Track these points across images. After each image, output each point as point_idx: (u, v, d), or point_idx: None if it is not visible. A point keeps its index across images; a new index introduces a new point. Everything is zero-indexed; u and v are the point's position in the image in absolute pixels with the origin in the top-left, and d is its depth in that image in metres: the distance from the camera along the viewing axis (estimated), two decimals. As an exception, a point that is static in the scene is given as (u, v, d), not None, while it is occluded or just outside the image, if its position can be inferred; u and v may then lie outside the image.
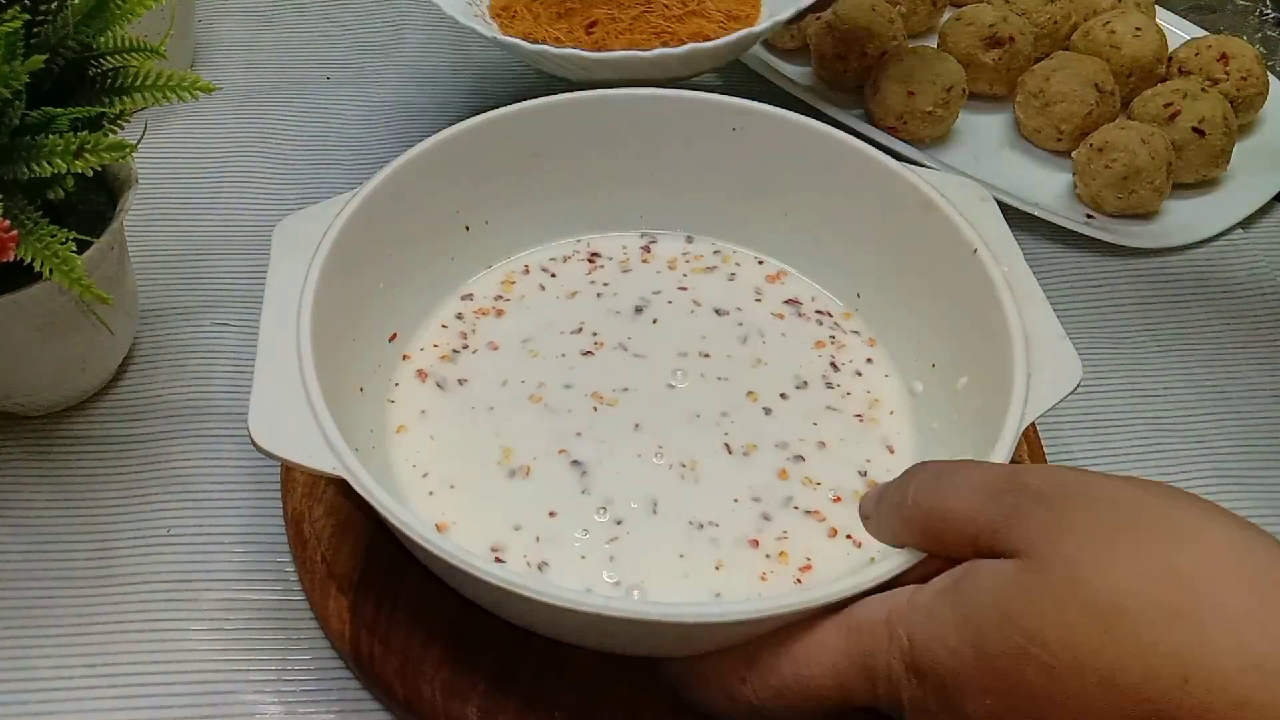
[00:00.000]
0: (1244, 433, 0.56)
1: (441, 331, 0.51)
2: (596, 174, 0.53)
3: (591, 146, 0.52)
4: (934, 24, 0.76)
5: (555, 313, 0.52)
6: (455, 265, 0.52)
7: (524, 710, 0.41)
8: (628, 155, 0.53)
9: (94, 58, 0.45)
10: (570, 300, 0.52)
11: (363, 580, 0.44)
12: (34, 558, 0.47)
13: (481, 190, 0.51)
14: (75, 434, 0.51)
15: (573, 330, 0.51)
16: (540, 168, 0.52)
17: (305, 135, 0.67)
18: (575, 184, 0.53)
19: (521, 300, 0.52)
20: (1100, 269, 0.63)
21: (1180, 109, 0.66)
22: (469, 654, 0.42)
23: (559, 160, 0.52)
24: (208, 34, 0.74)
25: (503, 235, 0.53)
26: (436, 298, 0.52)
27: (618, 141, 0.52)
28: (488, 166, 0.51)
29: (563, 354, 0.50)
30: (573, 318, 0.52)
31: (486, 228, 0.52)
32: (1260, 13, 0.86)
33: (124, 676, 0.43)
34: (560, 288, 0.53)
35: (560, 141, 0.52)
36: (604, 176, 0.53)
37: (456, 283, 0.52)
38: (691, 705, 0.40)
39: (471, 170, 0.50)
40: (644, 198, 0.54)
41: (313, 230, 0.44)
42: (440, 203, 0.50)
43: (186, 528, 0.48)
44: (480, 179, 0.51)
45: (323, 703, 0.43)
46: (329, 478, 0.37)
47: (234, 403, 0.53)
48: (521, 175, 0.52)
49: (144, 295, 0.56)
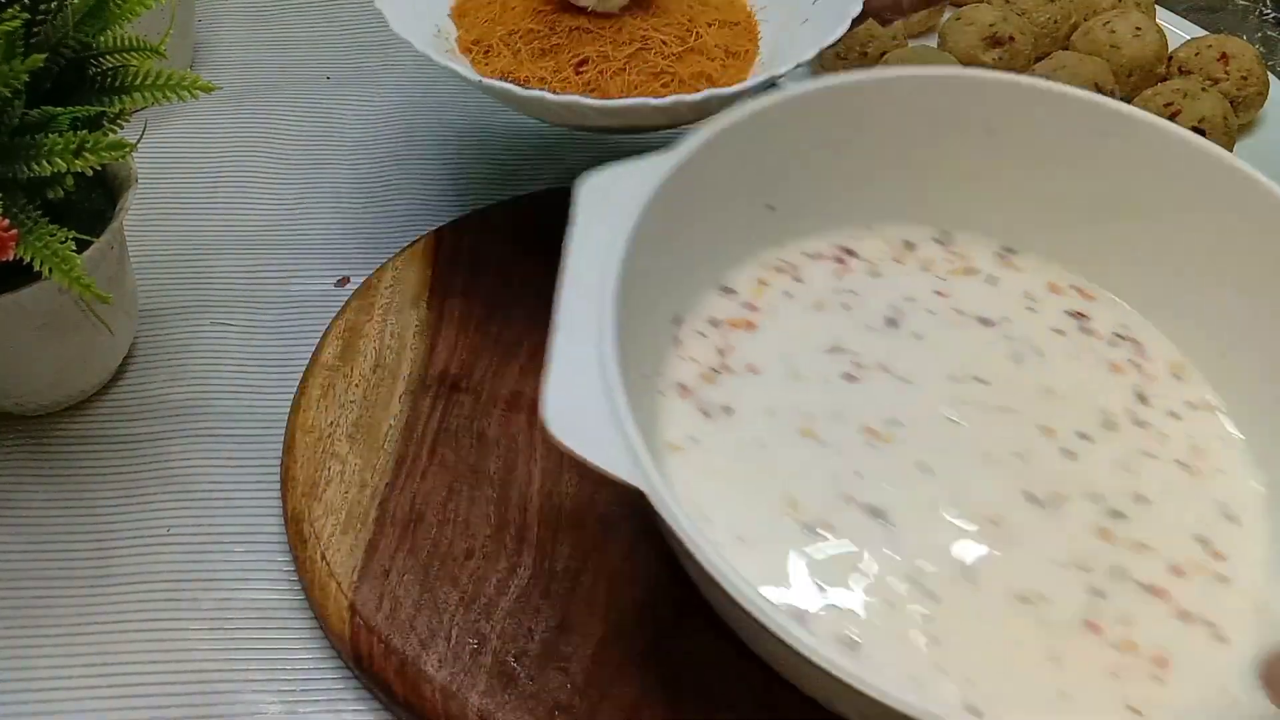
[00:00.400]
0: (1244, 433, 0.56)
1: (699, 341, 0.45)
2: (914, 162, 0.47)
3: (914, 131, 0.46)
4: (934, 24, 0.76)
5: (804, 326, 0.46)
6: (726, 250, 0.47)
7: (524, 710, 0.41)
8: (958, 145, 0.47)
9: (94, 57, 0.45)
10: (819, 313, 0.46)
11: (363, 580, 0.44)
12: (33, 557, 0.47)
13: (782, 168, 0.46)
14: (75, 434, 0.51)
15: (827, 349, 0.45)
16: (851, 149, 0.47)
17: (305, 135, 0.67)
18: (881, 171, 0.47)
19: (773, 312, 0.46)
20: (1100, 269, 0.63)
21: (1180, 109, 0.66)
22: (469, 654, 0.42)
23: (870, 143, 0.47)
24: (208, 34, 0.74)
25: (785, 219, 0.47)
26: (698, 285, 0.46)
27: (944, 129, 0.46)
28: (796, 142, 0.45)
29: (823, 378, 0.44)
30: (824, 334, 0.46)
31: (772, 212, 0.47)
32: (1260, 13, 0.86)
33: (123, 676, 0.43)
34: (806, 295, 0.47)
35: (876, 123, 0.46)
36: (919, 165, 0.47)
37: (717, 270, 0.47)
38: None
39: (780, 145, 0.45)
40: (951, 195, 0.48)
41: (623, 191, 0.39)
42: (741, 178, 0.45)
43: (186, 527, 0.48)
44: (787, 154, 0.45)
45: (323, 703, 0.43)
46: (623, 485, 0.33)
47: (234, 402, 0.53)
48: (832, 153, 0.46)
49: (144, 295, 0.56)
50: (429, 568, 0.45)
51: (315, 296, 0.58)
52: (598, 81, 0.52)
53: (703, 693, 0.42)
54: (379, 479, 0.47)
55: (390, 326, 0.53)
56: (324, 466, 0.48)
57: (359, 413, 0.50)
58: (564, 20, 0.54)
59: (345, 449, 0.48)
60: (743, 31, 0.57)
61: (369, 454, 0.48)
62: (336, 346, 0.52)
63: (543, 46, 0.54)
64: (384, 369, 0.52)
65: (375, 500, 0.47)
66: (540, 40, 0.54)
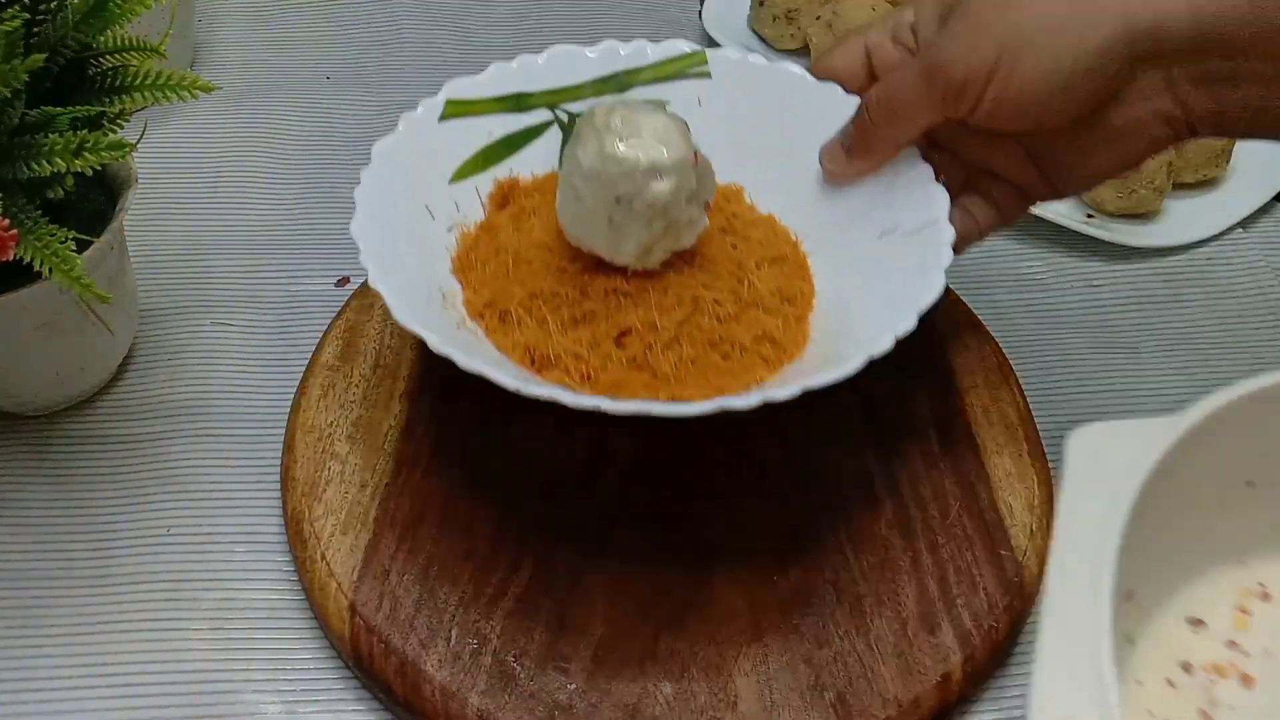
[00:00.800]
0: (1244, 433, 0.56)
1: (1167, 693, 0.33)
2: None
3: None
4: (934, 24, 0.76)
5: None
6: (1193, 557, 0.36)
7: (524, 710, 0.41)
8: None
9: (93, 57, 0.45)
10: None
11: (363, 580, 0.44)
12: (34, 557, 0.47)
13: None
14: (75, 434, 0.51)
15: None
16: None
17: (305, 135, 0.67)
18: None
19: (1265, 655, 0.34)
20: (1100, 269, 0.63)
21: (1180, 109, 0.66)
22: (469, 654, 0.42)
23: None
24: (208, 34, 0.74)
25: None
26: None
27: None
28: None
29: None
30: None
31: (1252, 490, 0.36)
32: (1260, 13, 0.85)
33: (124, 676, 0.43)
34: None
35: None
36: None
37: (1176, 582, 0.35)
38: None
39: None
40: None
41: (1120, 454, 0.32)
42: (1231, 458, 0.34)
43: (186, 527, 0.48)
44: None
45: (323, 702, 0.43)
46: None
47: (234, 403, 0.53)
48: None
49: (144, 295, 0.56)
50: (429, 568, 0.45)
51: (315, 296, 0.58)
52: (646, 358, 0.44)
53: (702, 692, 0.42)
54: (379, 479, 0.47)
55: (390, 326, 0.53)
56: (324, 467, 0.48)
57: (359, 413, 0.50)
58: (597, 281, 0.46)
59: (345, 449, 0.48)
60: (793, 267, 0.49)
61: (369, 454, 0.48)
62: (336, 346, 0.52)
63: (574, 314, 0.45)
64: (384, 369, 0.52)
65: (375, 500, 0.47)
66: (570, 306, 0.45)
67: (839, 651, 0.43)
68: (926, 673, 0.43)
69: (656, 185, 0.43)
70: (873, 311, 0.44)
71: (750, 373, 0.45)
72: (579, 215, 0.44)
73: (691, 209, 0.44)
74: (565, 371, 0.44)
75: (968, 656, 0.44)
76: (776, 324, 0.46)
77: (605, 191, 0.43)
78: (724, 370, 0.44)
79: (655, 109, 0.44)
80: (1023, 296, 0.62)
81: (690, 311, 0.45)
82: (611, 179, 0.43)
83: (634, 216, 0.43)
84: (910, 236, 0.46)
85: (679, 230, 0.45)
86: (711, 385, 0.44)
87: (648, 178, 0.43)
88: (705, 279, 0.46)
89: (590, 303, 0.45)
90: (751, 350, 0.45)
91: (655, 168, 0.43)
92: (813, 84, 0.50)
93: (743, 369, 0.45)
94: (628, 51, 0.53)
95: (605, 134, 0.43)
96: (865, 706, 0.42)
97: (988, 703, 0.45)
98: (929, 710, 0.43)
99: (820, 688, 0.42)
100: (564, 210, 0.45)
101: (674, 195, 0.43)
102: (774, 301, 0.47)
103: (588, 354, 0.44)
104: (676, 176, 0.43)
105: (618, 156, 0.43)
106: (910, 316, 0.41)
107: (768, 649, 0.43)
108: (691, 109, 0.50)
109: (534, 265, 0.47)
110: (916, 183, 0.47)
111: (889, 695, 0.42)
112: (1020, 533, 0.48)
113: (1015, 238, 0.65)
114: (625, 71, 0.53)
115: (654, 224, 0.44)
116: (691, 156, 0.43)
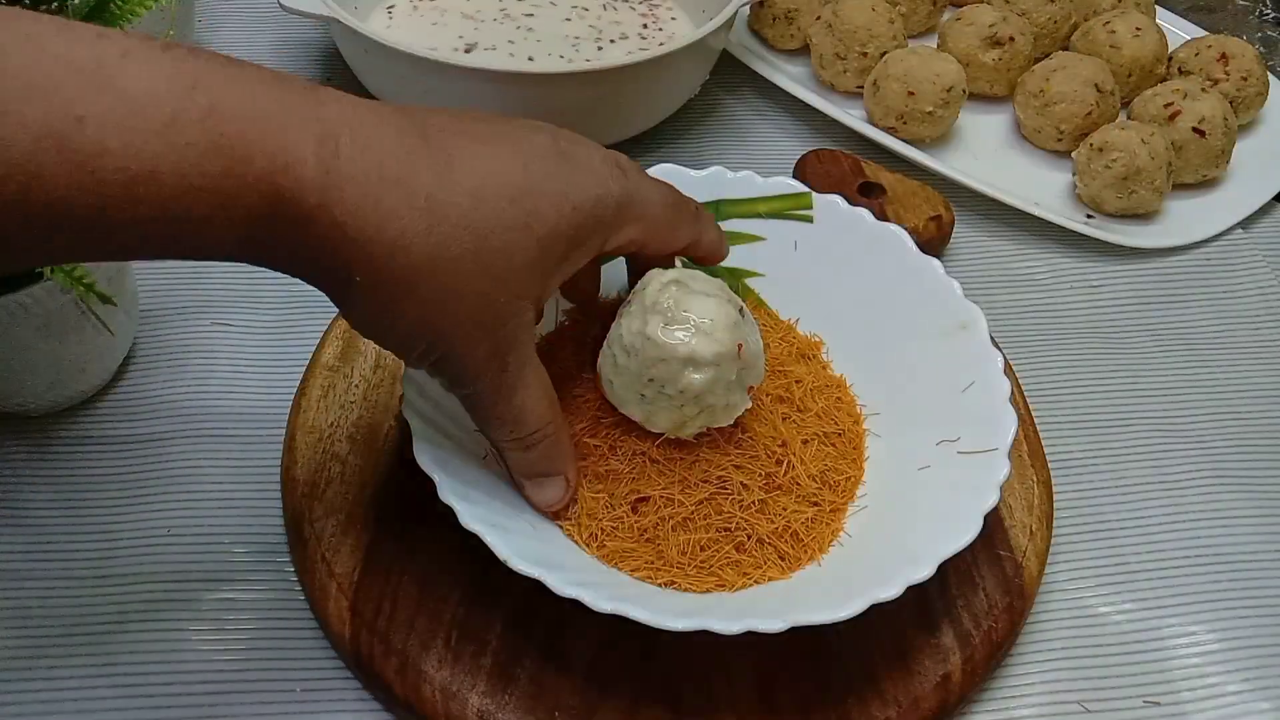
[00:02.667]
0: (1244, 433, 0.56)
1: None
2: None
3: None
4: (934, 24, 0.76)
5: None
6: None
7: (524, 710, 0.41)
8: None
9: (94, 58, 0.45)
10: None
11: (363, 580, 0.44)
12: (34, 557, 0.47)
13: None
14: (75, 434, 0.51)
15: None
16: None
17: (305, 135, 0.67)
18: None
19: None
20: (1100, 269, 0.63)
21: (1180, 109, 0.66)
22: (469, 654, 0.42)
23: None
24: (208, 34, 0.74)
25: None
26: None
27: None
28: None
29: None
30: None
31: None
32: (1260, 13, 0.86)
33: (124, 676, 0.43)
34: None
35: None
36: None
37: None
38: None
39: None
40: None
41: None
42: None
43: (186, 527, 0.48)
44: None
45: (323, 702, 0.43)
46: None
47: (234, 403, 0.53)
48: None
49: (144, 295, 0.56)
50: (429, 568, 0.45)
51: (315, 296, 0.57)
52: (655, 532, 0.43)
53: (702, 692, 0.42)
54: (379, 479, 0.47)
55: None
56: (324, 467, 0.48)
57: (359, 413, 0.50)
58: (628, 441, 0.45)
59: (345, 450, 0.48)
60: (846, 447, 0.47)
61: (369, 455, 0.48)
62: (337, 347, 0.52)
63: (599, 470, 0.44)
64: (384, 369, 0.52)
65: (375, 501, 0.47)
66: (597, 460, 0.45)
67: (839, 651, 0.43)
68: (926, 673, 0.43)
69: (691, 376, 0.42)
70: (903, 535, 0.43)
71: (760, 570, 0.43)
72: (615, 379, 0.44)
73: (731, 394, 0.43)
74: (576, 525, 0.44)
75: (968, 656, 0.44)
76: (804, 520, 0.44)
77: (640, 369, 0.42)
78: (732, 563, 0.43)
79: (712, 290, 0.43)
80: (1023, 296, 0.62)
81: (712, 492, 0.44)
82: (648, 360, 0.42)
83: (665, 398, 0.43)
84: (965, 457, 0.44)
85: (714, 413, 0.44)
86: (713, 577, 0.43)
87: (683, 367, 0.42)
88: (739, 457, 0.45)
89: (616, 460, 0.45)
90: (769, 544, 0.44)
91: (693, 359, 0.42)
92: (914, 251, 0.50)
93: (753, 564, 0.43)
94: (734, 179, 0.52)
95: (651, 313, 0.42)
96: (865, 706, 0.42)
97: (988, 703, 0.45)
98: (929, 710, 0.43)
99: (820, 687, 0.43)
100: (604, 367, 0.44)
101: (709, 386, 0.42)
102: (812, 487, 0.45)
103: (602, 514, 0.44)
104: (714, 370, 0.42)
105: (657, 341, 0.42)
106: (928, 566, 0.40)
107: (768, 649, 0.43)
108: (787, 252, 0.50)
109: (575, 402, 0.46)
110: (991, 396, 0.45)
111: (889, 695, 0.42)
112: (1020, 533, 0.48)
113: (1015, 238, 0.65)
114: (726, 201, 0.52)
115: (686, 408, 0.43)
116: (736, 349, 0.42)
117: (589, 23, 0.71)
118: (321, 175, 0.33)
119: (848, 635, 0.43)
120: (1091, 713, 0.45)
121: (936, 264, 0.49)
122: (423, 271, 0.35)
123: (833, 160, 0.64)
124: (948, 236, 0.62)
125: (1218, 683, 0.47)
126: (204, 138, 0.31)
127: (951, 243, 0.63)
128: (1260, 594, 0.49)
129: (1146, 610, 0.49)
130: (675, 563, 0.43)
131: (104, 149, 0.29)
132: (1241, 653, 0.47)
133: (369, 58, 0.64)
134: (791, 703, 0.42)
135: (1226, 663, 0.47)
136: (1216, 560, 0.50)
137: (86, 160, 0.29)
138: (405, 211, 0.34)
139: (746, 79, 0.73)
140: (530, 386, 0.40)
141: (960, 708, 0.44)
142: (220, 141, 0.31)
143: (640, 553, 0.43)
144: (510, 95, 0.61)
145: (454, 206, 0.35)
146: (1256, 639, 0.48)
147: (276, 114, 0.32)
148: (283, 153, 0.32)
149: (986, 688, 0.45)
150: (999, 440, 0.44)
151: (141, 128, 0.30)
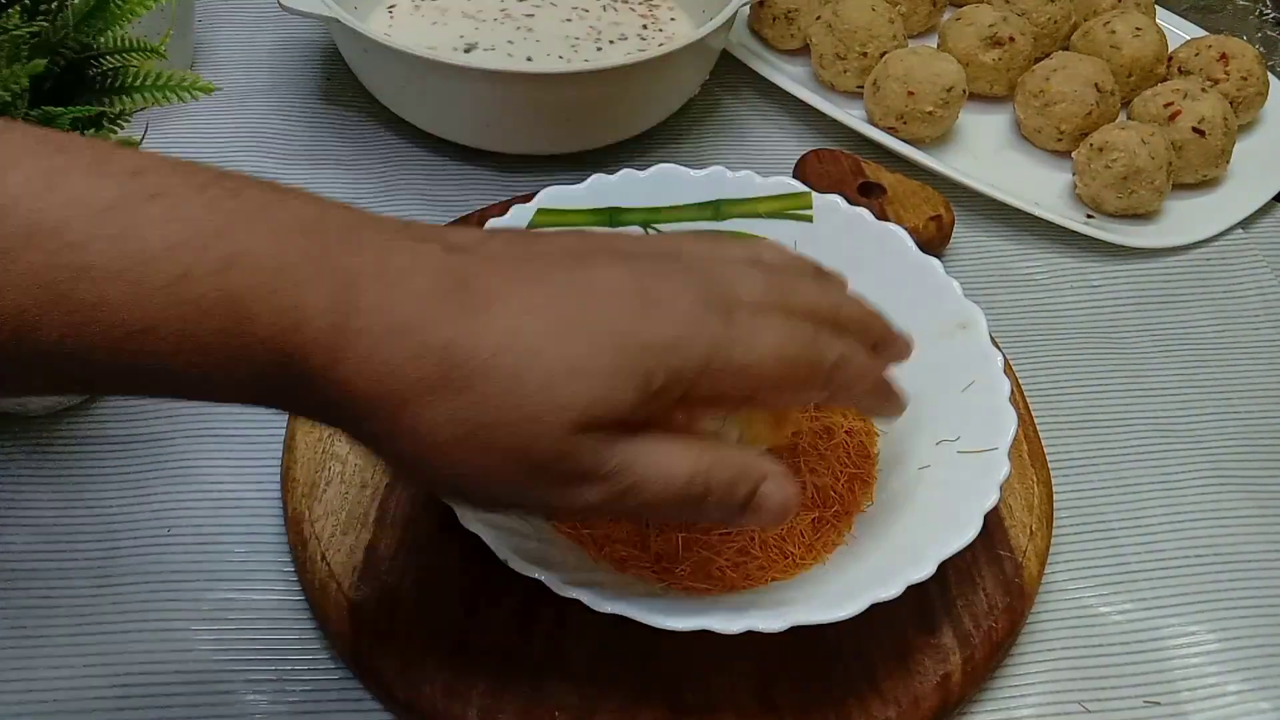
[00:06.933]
0: (1244, 433, 0.56)
1: None
2: None
3: None
4: (934, 24, 0.76)
5: None
6: None
7: (524, 710, 0.41)
8: None
9: (94, 58, 0.45)
10: None
11: (363, 580, 0.44)
12: (35, 557, 0.47)
13: None
14: (75, 434, 0.51)
15: None
16: None
17: (305, 136, 0.67)
18: None
19: None
20: (1100, 269, 0.63)
21: (1180, 109, 0.66)
22: (469, 654, 0.42)
23: None
24: (208, 34, 0.74)
25: None
26: None
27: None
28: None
29: None
30: None
31: None
32: (1260, 13, 0.86)
33: (124, 676, 0.43)
34: None
35: None
36: None
37: None
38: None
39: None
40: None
41: None
42: None
43: (187, 527, 0.48)
44: None
45: (323, 702, 0.43)
46: None
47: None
48: None
49: (144, 295, 0.56)
50: (429, 568, 0.45)
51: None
52: (655, 532, 0.44)
53: (702, 692, 0.42)
54: (379, 479, 0.47)
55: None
56: (324, 467, 0.48)
57: (359, 413, 0.50)
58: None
59: (345, 450, 0.48)
60: (855, 452, 0.47)
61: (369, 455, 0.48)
62: (337, 347, 0.52)
63: (634, 533, 0.44)
64: (384, 369, 0.52)
65: (375, 501, 0.47)
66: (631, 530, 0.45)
67: (839, 651, 0.43)
68: (926, 673, 0.43)
69: None
70: (903, 535, 0.43)
71: (763, 571, 0.43)
72: None
73: None
74: (576, 525, 0.44)
75: (968, 656, 0.44)
76: (814, 518, 0.44)
77: None
78: (735, 565, 0.43)
79: None
80: (1023, 296, 0.62)
81: (742, 553, 0.44)
82: None
83: None
84: (965, 457, 0.44)
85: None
86: (714, 578, 0.43)
87: None
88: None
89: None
90: (774, 546, 0.44)
91: None
92: (914, 251, 0.50)
93: (757, 566, 0.43)
94: (734, 179, 0.52)
95: None
96: (865, 706, 0.42)
97: (988, 703, 0.45)
98: (929, 710, 0.43)
99: (820, 687, 0.43)
100: None
101: None
102: (826, 480, 0.45)
103: (627, 554, 0.43)
104: None
105: None
106: (928, 566, 0.40)
107: (768, 649, 0.43)
108: None
109: None
110: (991, 396, 0.45)
111: (889, 695, 0.42)
112: (1020, 533, 0.48)
113: (1015, 238, 0.65)
114: (726, 201, 0.52)
115: None
116: None
117: (589, 23, 0.71)
118: (331, 333, 0.31)
119: (848, 635, 0.43)
120: (1091, 713, 0.45)
121: (936, 264, 0.49)
122: (442, 425, 0.32)
123: (833, 160, 0.64)
124: (948, 236, 0.62)
125: (1218, 683, 0.47)
126: (212, 292, 0.29)
127: (951, 243, 0.63)
128: (1260, 594, 0.49)
129: (1146, 610, 0.49)
130: (676, 563, 0.43)
131: (103, 300, 0.28)
132: (1241, 653, 0.47)
133: (369, 57, 0.64)
134: (791, 703, 0.42)
135: (1226, 663, 0.47)
136: (1216, 560, 0.50)
137: (83, 310, 0.28)
138: (416, 363, 0.31)
139: (746, 79, 0.72)
140: (646, 466, 0.34)
141: (960, 708, 0.44)
142: (230, 298, 0.29)
143: (640, 553, 0.43)
144: (510, 95, 0.61)
145: (474, 351, 0.32)
146: (1256, 639, 0.48)
147: (298, 265, 0.30)
148: (294, 310, 0.30)
149: (986, 688, 0.45)
150: (999, 440, 0.44)
151: (147, 281, 0.29)
